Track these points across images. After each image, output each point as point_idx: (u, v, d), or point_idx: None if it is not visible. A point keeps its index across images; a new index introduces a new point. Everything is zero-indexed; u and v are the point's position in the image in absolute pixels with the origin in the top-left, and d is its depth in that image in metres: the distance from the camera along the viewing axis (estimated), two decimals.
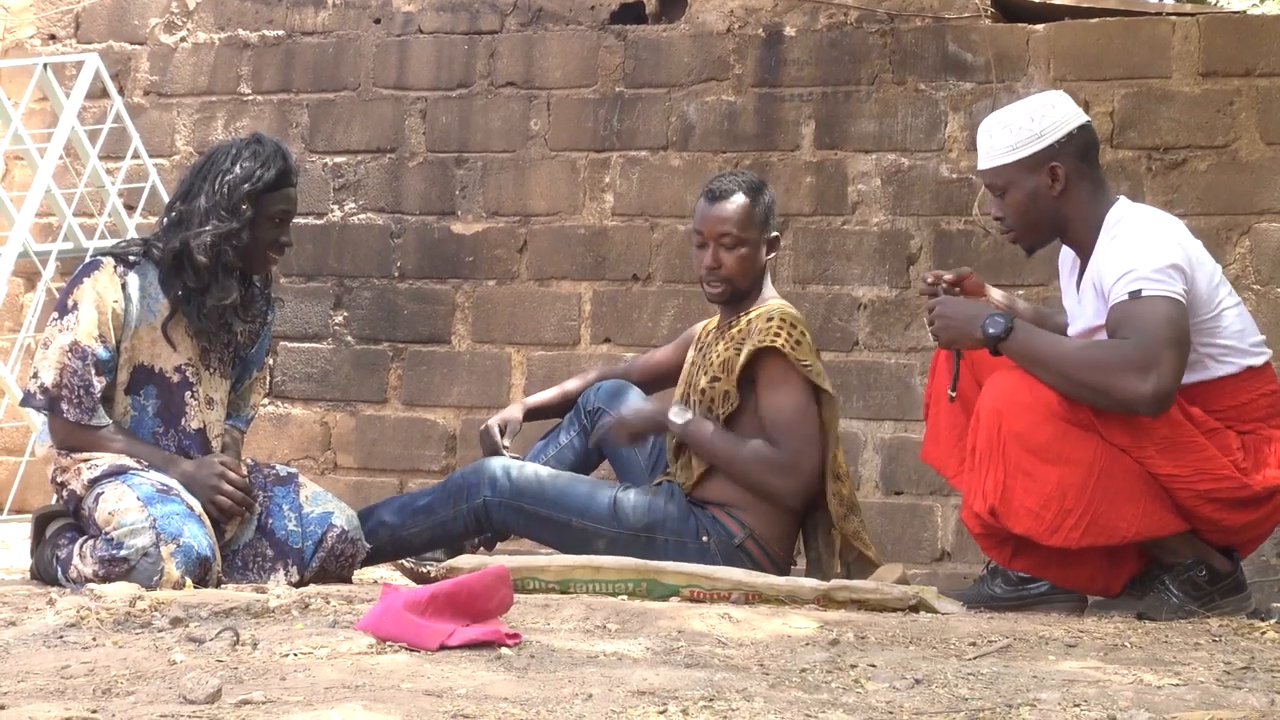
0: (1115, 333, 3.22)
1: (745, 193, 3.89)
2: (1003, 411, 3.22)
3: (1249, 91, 5.15)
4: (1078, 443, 3.21)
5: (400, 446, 5.79)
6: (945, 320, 3.38)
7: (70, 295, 3.69)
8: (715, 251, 3.87)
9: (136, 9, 6.22)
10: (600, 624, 2.85)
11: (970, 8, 5.44)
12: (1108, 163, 5.24)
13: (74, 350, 3.62)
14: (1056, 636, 2.85)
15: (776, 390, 3.78)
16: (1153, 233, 3.32)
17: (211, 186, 3.71)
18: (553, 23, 5.81)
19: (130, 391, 3.72)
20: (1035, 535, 3.23)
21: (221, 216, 3.68)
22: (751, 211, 3.88)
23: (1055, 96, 3.51)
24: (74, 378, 3.62)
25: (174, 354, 3.73)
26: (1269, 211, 5.12)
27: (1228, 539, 3.36)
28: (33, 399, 3.68)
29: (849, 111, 5.50)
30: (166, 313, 3.72)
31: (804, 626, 2.91)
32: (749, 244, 3.87)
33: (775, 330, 3.77)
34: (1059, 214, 3.43)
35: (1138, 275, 3.21)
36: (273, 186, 3.72)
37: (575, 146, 5.74)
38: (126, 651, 2.55)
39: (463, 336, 5.79)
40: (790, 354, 3.75)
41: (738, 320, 3.91)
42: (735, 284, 3.88)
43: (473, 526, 3.87)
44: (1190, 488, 3.24)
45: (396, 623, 2.58)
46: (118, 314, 3.67)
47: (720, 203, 3.89)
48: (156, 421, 3.73)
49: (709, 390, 3.85)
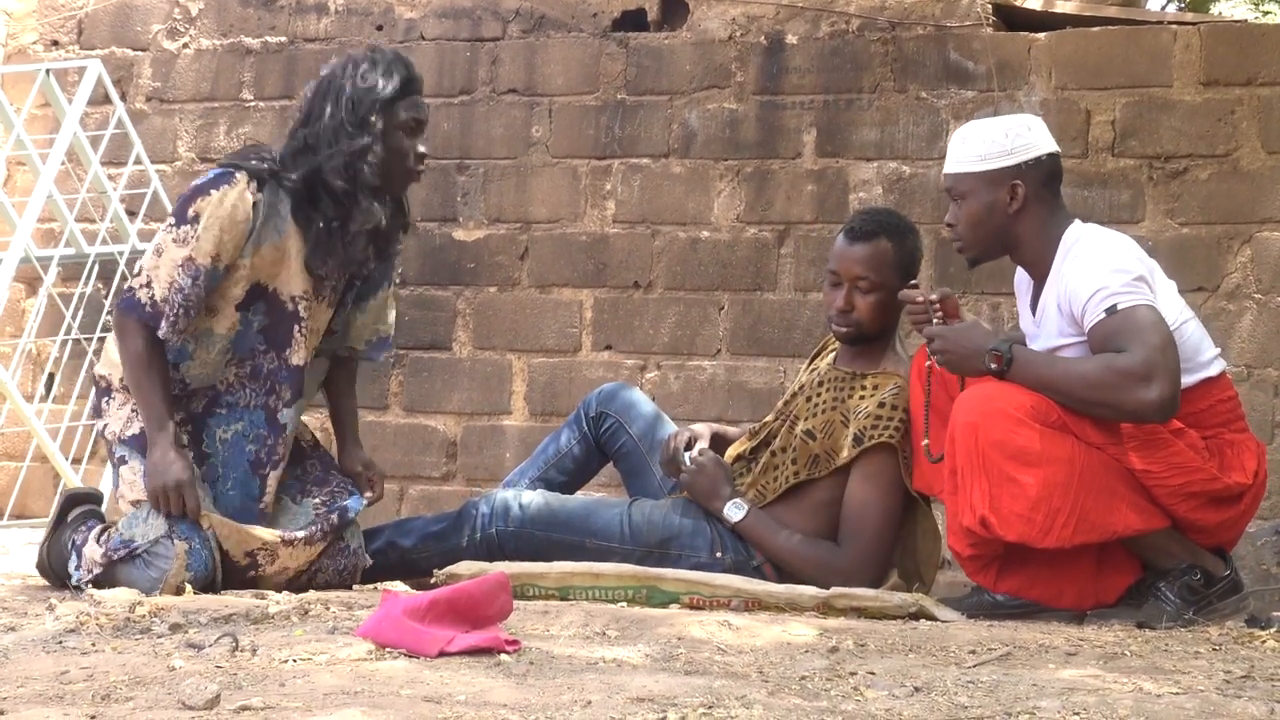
0: (1103, 350, 3.27)
1: (889, 236, 3.67)
2: (977, 424, 3.26)
3: (1250, 100, 5.16)
4: (1055, 442, 3.24)
5: (401, 453, 5.79)
6: (949, 353, 3.40)
7: (192, 204, 3.50)
8: (849, 294, 3.66)
9: (139, 15, 6.23)
10: (600, 630, 2.85)
11: (972, 16, 5.44)
12: (1109, 171, 5.25)
13: (187, 266, 3.47)
14: (1056, 645, 2.85)
15: (870, 486, 3.61)
16: (1112, 249, 3.39)
17: (334, 104, 3.52)
18: (555, 30, 5.82)
19: (240, 307, 3.58)
20: (1029, 539, 3.25)
21: (349, 133, 3.50)
22: (894, 258, 3.66)
23: (1033, 120, 3.57)
24: (179, 295, 3.48)
25: (295, 282, 3.60)
26: (1270, 220, 5.12)
27: (1207, 539, 3.40)
28: (138, 305, 3.49)
29: (850, 119, 5.51)
30: (292, 235, 3.56)
31: (803, 634, 2.91)
32: (885, 289, 3.64)
33: (885, 422, 3.59)
34: (1010, 232, 3.49)
35: (1109, 292, 3.27)
36: (399, 94, 3.55)
37: (577, 153, 5.75)
38: (126, 657, 2.55)
39: (464, 343, 5.80)
40: (900, 448, 3.59)
41: (854, 379, 3.70)
42: (864, 329, 3.68)
43: (484, 555, 3.76)
44: (1165, 484, 3.28)
45: (396, 629, 2.57)
46: (244, 231, 3.51)
47: (861, 244, 3.67)
48: (259, 339, 3.61)
49: (800, 443, 3.68)
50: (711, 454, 3.78)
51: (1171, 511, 3.32)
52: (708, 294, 5.60)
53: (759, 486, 3.75)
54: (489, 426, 5.74)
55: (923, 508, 3.70)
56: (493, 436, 5.73)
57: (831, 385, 3.73)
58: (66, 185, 5.79)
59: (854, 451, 3.60)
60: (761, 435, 3.85)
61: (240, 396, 3.64)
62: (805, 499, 3.69)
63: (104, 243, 5.77)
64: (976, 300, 5.30)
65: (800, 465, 3.68)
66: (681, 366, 5.59)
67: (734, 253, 5.56)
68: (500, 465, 5.54)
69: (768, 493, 3.72)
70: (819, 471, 3.66)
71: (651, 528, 3.76)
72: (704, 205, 5.62)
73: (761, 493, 3.74)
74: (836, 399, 3.69)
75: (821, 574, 3.53)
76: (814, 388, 3.77)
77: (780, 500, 3.71)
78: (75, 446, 5.57)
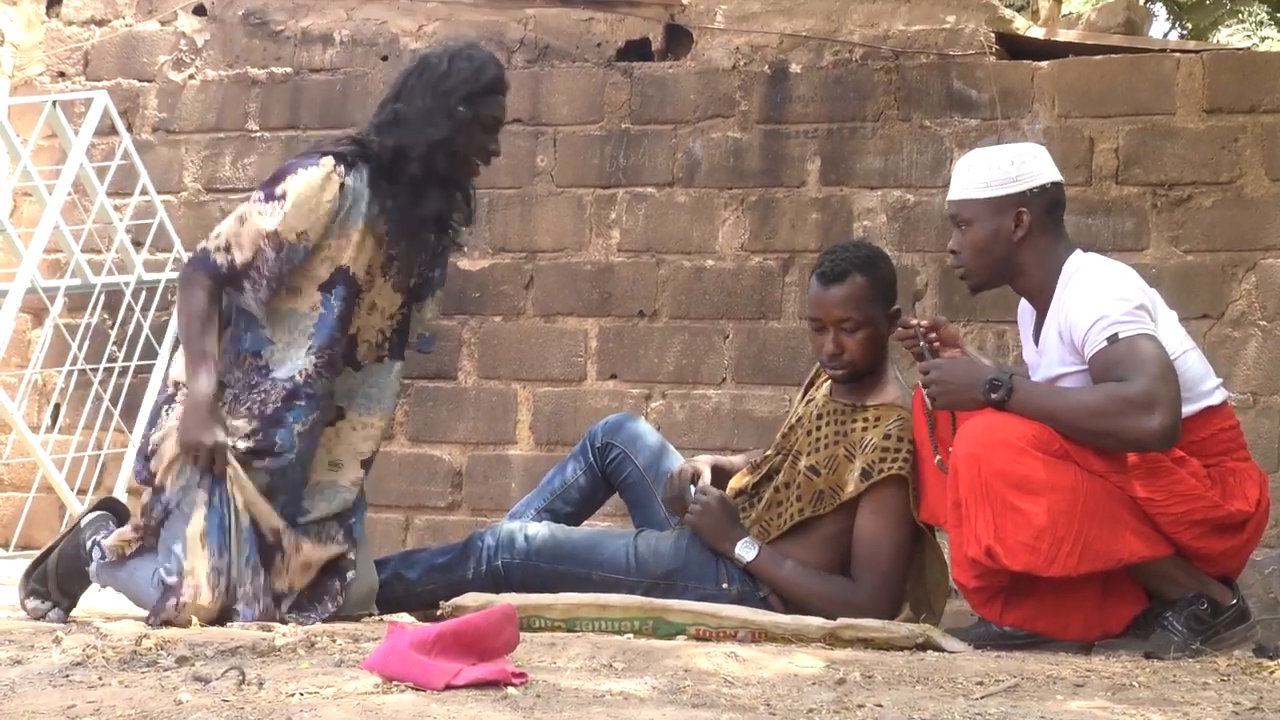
0: (1104, 379, 3.27)
1: (861, 271, 3.65)
2: (979, 455, 3.26)
3: (1253, 128, 5.17)
4: (1058, 471, 3.24)
5: (406, 482, 5.79)
6: (944, 385, 3.40)
7: (281, 181, 3.61)
8: (836, 337, 3.64)
9: (145, 46, 6.26)
10: (606, 663, 2.84)
11: (975, 45, 5.46)
12: (1113, 199, 5.25)
13: (273, 239, 3.56)
14: (1064, 676, 2.84)
15: (880, 520, 3.59)
16: (1113, 278, 3.41)
17: (428, 88, 3.63)
18: (560, 60, 5.84)
19: (323, 288, 3.65)
20: (1035, 569, 3.24)
21: (436, 121, 3.62)
22: (871, 291, 3.65)
23: (1038, 149, 3.60)
24: (266, 265, 3.57)
25: (363, 256, 3.67)
26: (1274, 248, 5.13)
27: (1212, 568, 3.40)
28: (212, 265, 3.58)
29: (854, 148, 5.52)
30: (373, 217, 3.67)
31: (810, 665, 2.90)
32: (871, 324, 3.64)
33: (892, 455, 3.57)
34: (1013, 259, 3.50)
35: (1110, 320, 3.28)
36: (489, 90, 3.68)
37: (582, 182, 5.76)
38: (132, 691, 2.54)
39: (469, 372, 5.80)
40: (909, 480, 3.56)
41: (854, 411, 3.68)
42: (859, 367, 3.67)
43: (489, 587, 3.73)
44: (1167, 511, 3.28)
45: (402, 662, 2.57)
46: (330, 213, 3.61)
47: (836, 285, 3.64)
48: (339, 324, 3.66)
49: (804, 479, 3.66)
50: (716, 493, 3.75)
51: (1175, 539, 3.32)
52: (712, 323, 5.60)
53: (763, 523, 3.73)
54: (494, 456, 5.74)
55: (930, 538, 3.70)
56: (498, 466, 5.73)
57: (831, 418, 3.72)
58: (73, 216, 5.81)
59: (862, 486, 3.59)
60: (764, 469, 3.83)
61: (318, 386, 3.66)
62: (811, 534, 3.68)
63: (110, 273, 5.78)
64: (981, 329, 5.30)
65: (805, 502, 3.67)
66: (686, 395, 5.59)
67: (739, 281, 5.56)
68: (506, 495, 5.54)
69: (772, 529, 3.71)
70: (824, 507, 3.65)
71: (657, 559, 3.75)
72: (708, 234, 5.63)
73: (766, 529, 3.72)
74: (838, 432, 3.68)
75: (838, 610, 3.50)
76: (813, 420, 3.75)
77: (785, 536, 3.69)
78: (81, 477, 5.57)
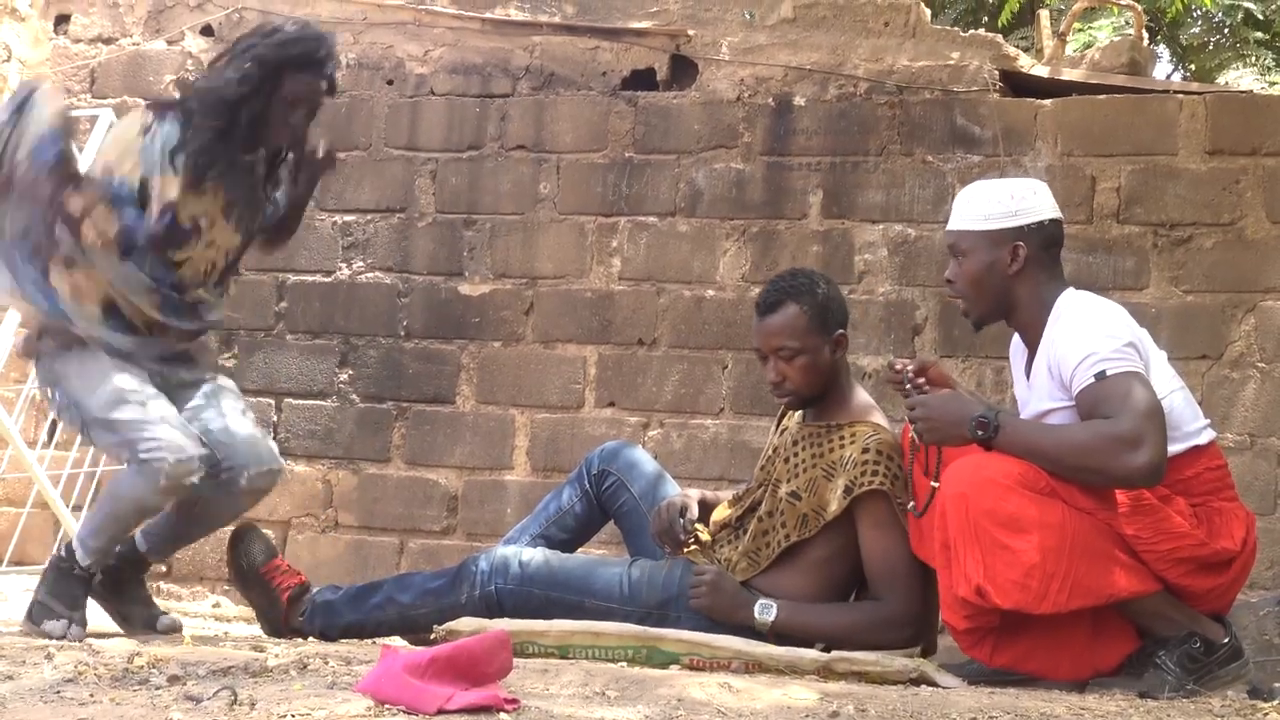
0: (1090, 416, 3.28)
1: (794, 299, 3.69)
2: (966, 494, 3.26)
3: (1255, 170, 5.18)
4: (1046, 509, 3.24)
5: (402, 506, 5.78)
6: (930, 422, 3.40)
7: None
8: (777, 365, 3.69)
9: (151, 65, 6.28)
10: (599, 690, 2.84)
11: (979, 82, 5.48)
12: (1114, 238, 5.27)
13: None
14: (1058, 714, 2.84)
15: (883, 533, 3.59)
16: (1103, 316, 3.42)
17: (247, 47, 3.79)
18: (564, 88, 5.86)
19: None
20: (1025, 606, 3.24)
21: (235, 81, 3.75)
22: (806, 318, 3.68)
23: (1040, 185, 3.62)
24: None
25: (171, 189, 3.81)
26: (1274, 290, 5.14)
27: (1199, 606, 3.39)
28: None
29: (856, 181, 5.53)
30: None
31: (804, 698, 2.89)
32: (809, 351, 3.67)
33: (872, 468, 3.58)
34: (1009, 292, 3.51)
35: (1099, 357, 3.29)
36: (294, 66, 3.77)
37: (584, 210, 5.77)
38: (124, 709, 2.53)
39: (467, 397, 5.80)
40: (891, 494, 3.57)
41: (829, 432, 3.70)
42: (803, 393, 3.71)
43: (483, 613, 3.72)
44: (1154, 549, 3.28)
45: (395, 685, 2.56)
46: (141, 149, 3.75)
47: (770, 315, 3.70)
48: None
49: (786, 505, 3.67)
50: (712, 569, 3.70)
51: (1162, 577, 3.32)
52: (712, 352, 5.61)
53: (751, 554, 3.72)
54: (491, 481, 5.73)
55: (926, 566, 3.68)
56: (494, 491, 5.72)
57: (807, 443, 3.73)
58: None
59: (844, 502, 3.59)
60: (746, 502, 3.83)
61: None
62: (800, 559, 3.67)
63: None
64: (980, 364, 5.30)
65: (791, 527, 3.67)
66: (684, 425, 5.59)
67: (738, 312, 5.57)
68: (501, 520, 5.53)
69: (761, 559, 3.70)
70: (809, 531, 3.65)
71: (651, 588, 3.75)
72: (709, 264, 5.64)
73: (755, 560, 3.71)
74: (815, 455, 3.69)
75: (879, 633, 3.50)
76: (790, 448, 3.76)
77: (775, 565, 3.69)
78: (76, 493, 5.56)
